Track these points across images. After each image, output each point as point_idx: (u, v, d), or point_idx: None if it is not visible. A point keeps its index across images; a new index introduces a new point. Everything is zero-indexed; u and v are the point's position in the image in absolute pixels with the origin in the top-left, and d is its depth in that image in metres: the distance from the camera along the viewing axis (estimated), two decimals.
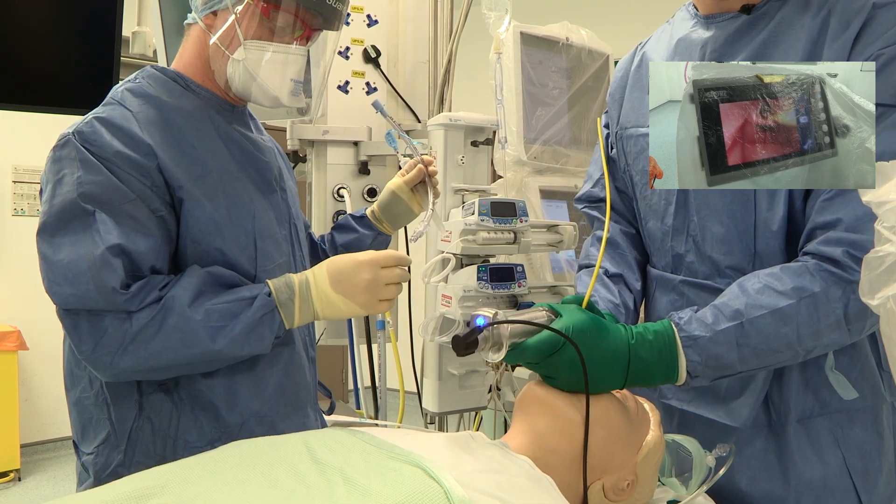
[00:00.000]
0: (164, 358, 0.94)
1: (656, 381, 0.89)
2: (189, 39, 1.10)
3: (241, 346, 0.98)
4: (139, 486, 0.67)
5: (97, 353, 0.93)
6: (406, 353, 1.92)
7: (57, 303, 0.94)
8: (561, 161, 1.81)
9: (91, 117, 0.99)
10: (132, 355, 0.93)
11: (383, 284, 1.06)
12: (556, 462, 0.80)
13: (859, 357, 0.98)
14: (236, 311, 0.98)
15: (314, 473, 0.68)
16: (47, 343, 4.08)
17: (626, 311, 1.11)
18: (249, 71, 1.05)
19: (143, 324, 0.93)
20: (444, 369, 1.55)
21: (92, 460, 1.02)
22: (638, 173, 1.13)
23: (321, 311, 1.05)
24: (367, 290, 1.05)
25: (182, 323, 0.94)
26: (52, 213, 0.95)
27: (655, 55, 1.13)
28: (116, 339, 0.92)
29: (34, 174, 4.09)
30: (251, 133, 1.16)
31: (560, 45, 1.83)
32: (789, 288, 0.87)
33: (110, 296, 0.92)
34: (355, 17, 1.93)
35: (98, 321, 0.93)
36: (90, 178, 0.94)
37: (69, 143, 0.96)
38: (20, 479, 3.78)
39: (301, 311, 1.04)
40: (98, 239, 0.93)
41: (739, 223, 0.98)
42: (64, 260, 0.93)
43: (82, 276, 0.92)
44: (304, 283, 1.04)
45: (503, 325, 0.84)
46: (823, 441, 0.98)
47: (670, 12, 1.18)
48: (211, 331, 0.96)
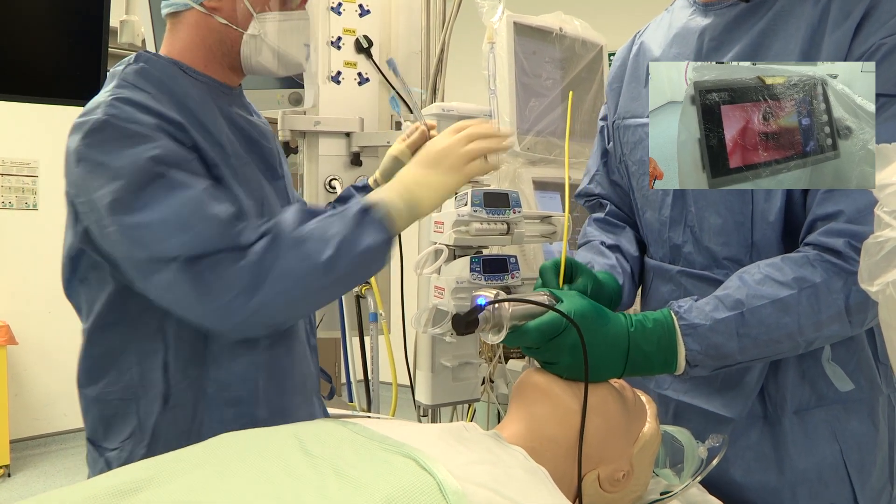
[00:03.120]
0: (291, 279, 0.91)
1: (655, 369, 0.88)
2: (180, 27, 1.07)
3: (353, 248, 0.94)
4: (127, 478, 0.66)
5: (227, 296, 0.89)
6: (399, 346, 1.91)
7: (175, 254, 0.89)
8: (554, 152, 1.81)
9: (111, 99, 0.94)
10: (261, 287, 0.90)
11: (460, 145, 1.03)
12: (552, 451, 0.79)
13: (856, 349, 0.98)
14: (337, 221, 0.96)
15: (305, 466, 0.67)
16: (37, 338, 4.06)
17: (625, 273, 1.10)
18: (268, 43, 1.06)
19: (261, 251, 0.91)
20: (437, 362, 1.55)
21: (116, 455, 1.01)
22: (635, 163, 1.13)
23: (417, 192, 1.00)
24: (446, 155, 1.02)
25: (296, 240, 0.93)
26: (122, 188, 0.89)
27: (654, 44, 1.12)
28: (242, 276, 0.89)
29: (21, 167, 4.05)
30: (251, 117, 1.15)
31: (553, 35, 1.82)
32: (790, 278, 0.87)
33: (225, 228, 0.90)
34: (347, 7, 1.91)
35: (216, 266, 0.89)
36: (149, 146, 0.91)
37: (107, 124, 0.92)
38: (10, 474, 3.76)
39: (401, 200, 0.99)
40: (188, 187, 0.91)
41: (737, 214, 0.98)
42: (162, 215, 0.89)
43: (190, 218, 0.89)
44: (393, 179, 1.03)
45: (504, 306, 0.83)
46: (819, 433, 0.97)
47: (665, 3, 1.17)
48: (322, 241, 0.93)
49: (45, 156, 4.08)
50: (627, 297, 1.10)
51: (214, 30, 1.06)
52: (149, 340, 0.99)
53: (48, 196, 4.13)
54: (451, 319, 0.83)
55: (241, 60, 1.08)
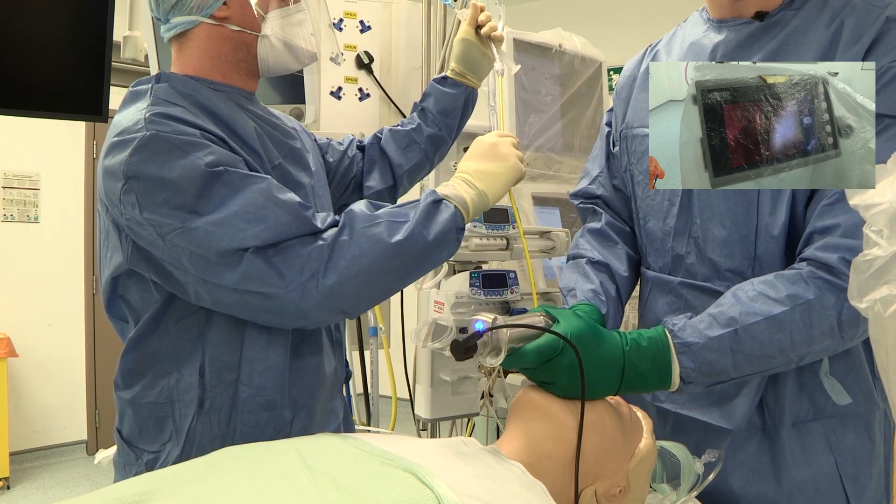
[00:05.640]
0: (363, 261, 0.93)
1: (650, 386, 0.89)
2: (190, 45, 1.07)
3: (425, 234, 0.97)
4: (129, 491, 0.66)
5: (302, 277, 0.91)
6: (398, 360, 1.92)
7: (248, 245, 0.90)
8: (553, 168, 1.81)
9: (149, 115, 0.94)
10: (334, 269, 0.92)
11: (508, 144, 1.13)
12: (550, 467, 0.80)
13: (854, 363, 0.99)
14: (408, 210, 0.99)
15: (306, 479, 0.67)
16: (37, 350, 4.06)
17: (608, 298, 1.10)
18: (282, 40, 1.09)
19: (335, 235, 0.94)
20: (436, 376, 1.55)
21: (155, 459, 1.02)
22: (641, 172, 1.13)
23: (484, 185, 1.06)
24: (501, 147, 1.11)
25: (369, 224, 0.95)
26: (186, 195, 0.90)
27: (667, 58, 1.13)
28: (315, 258, 0.92)
29: (24, 179, 4.06)
30: (276, 120, 1.17)
31: (553, 51, 1.84)
32: (784, 295, 0.87)
33: (299, 212, 0.94)
34: (348, 23, 1.93)
35: (290, 250, 0.92)
36: (202, 152, 0.92)
37: (155, 138, 0.92)
38: (9, 487, 3.74)
39: (469, 194, 1.04)
40: (254, 178, 0.94)
41: (741, 227, 0.98)
42: (234, 209, 0.91)
43: (264, 208, 0.91)
44: (455, 176, 1.08)
45: (502, 330, 0.84)
46: (817, 445, 0.98)
47: (664, 19, 1.19)
48: (393, 226, 0.96)
49: (47, 169, 4.09)
50: (612, 321, 1.10)
51: (227, 38, 1.06)
52: (187, 347, 1.01)
53: (50, 209, 4.14)
54: (451, 346, 0.84)
55: (258, 63, 1.10)
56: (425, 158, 1.38)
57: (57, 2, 1.68)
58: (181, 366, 1.01)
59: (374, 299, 1.01)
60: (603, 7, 4.37)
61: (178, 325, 1.01)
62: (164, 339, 1.01)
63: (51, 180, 4.12)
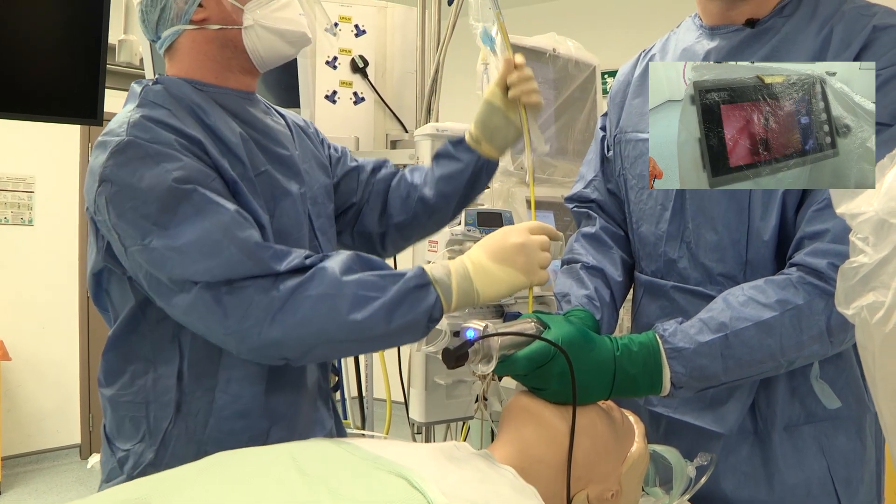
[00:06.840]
0: (312, 327, 0.88)
1: (641, 392, 0.90)
2: (178, 54, 1.07)
3: (388, 321, 0.89)
4: (123, 497, 0.66)
5: (245, 323, 0.88)
6: (393, 363, 1.92)
7: (198, 279, 0.89)
8: (548, 171, 1.82)
9: (134, 118, 0.95)
10: (280, 324, 0.88)
11: (537, 247, 0.98)
12: (542, 472, 0.80)
13: (844, 367, 1.00)
14: (387, 284, 0.91)
15: (299, 484, 0.67)
16: (30, 354, 4.04)
17: (602, 304, 1.11)
18: (267, 28, 1.05)
19: (291, 288, 0.89)
20: (430, 379, 1.56)
21: (125, 457, 1.02)
22: (634, 177, 1.14)
23: (481, 285, 0.95)
24: (522, 252, 0.96)
25: (333, 289, 0.89)
26: (148, 210, 0.89)
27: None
28: (263, 307, 0.88)
29: (17, 182, 4.05)
30: (273, 124, 1.14)
31: (547, 56, 1.84)
32: (773, 300, 0.88)
33: (255, 252, 0.89)
34: (343, 28, 1.94)
35: (241, 291, 0.88)
36: (173, 165, 0.91)
37: (132, 144, 0.92)
38: (1, 492, 3.72)
39: (459, 288, 0.94)
40: (218, 207, 0.91)
41: (733, 231, 0.99)
42: (191, 238, 0.88)
43: (219, 243, 0.88)
44: (458, 260, 0.98)
45: (493, 338, 0.84)
46: (808, 449, 0.99)
47: (658, 24, 1.19)
48: (358, 300, 0.89)
49: (42, 171, 4.09)
50: (607, 327, 1.10)
51: (211, 39, 1.06)
52: (164, 349, 1.01)
53: (44, 212, 4.13)
54: (442, 354, 0.84)
55: (250, 58, 1.08)
56: (414, 219, 1.26)
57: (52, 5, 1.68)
58: (158, 367, 1.01)
59: (324, 357, 0.98)
60: (597, 11, 4.40)
61: (155, 327, 1.01)
62: (142, 341, 1.02)
63: (45, 183, 4.12)
